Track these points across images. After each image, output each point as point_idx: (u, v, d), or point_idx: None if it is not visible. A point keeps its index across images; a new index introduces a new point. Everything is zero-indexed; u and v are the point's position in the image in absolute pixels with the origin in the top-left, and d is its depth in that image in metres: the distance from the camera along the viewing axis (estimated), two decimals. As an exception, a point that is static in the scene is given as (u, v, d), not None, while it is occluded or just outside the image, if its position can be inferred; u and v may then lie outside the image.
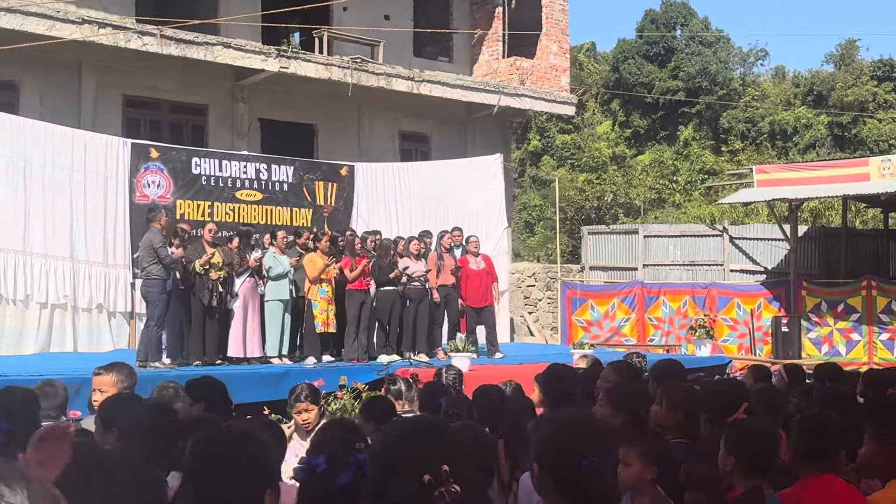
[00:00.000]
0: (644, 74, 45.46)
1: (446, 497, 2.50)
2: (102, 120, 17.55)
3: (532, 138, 47.84)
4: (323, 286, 13.31)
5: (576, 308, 19.83)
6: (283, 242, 13.41)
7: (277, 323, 13.29)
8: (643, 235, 22.02)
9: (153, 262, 12.08)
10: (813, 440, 4.36)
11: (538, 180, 46.61)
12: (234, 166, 16.04)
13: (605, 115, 48.88)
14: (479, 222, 18.42)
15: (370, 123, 20.97)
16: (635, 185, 41.18)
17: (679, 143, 45.42)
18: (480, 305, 14.86)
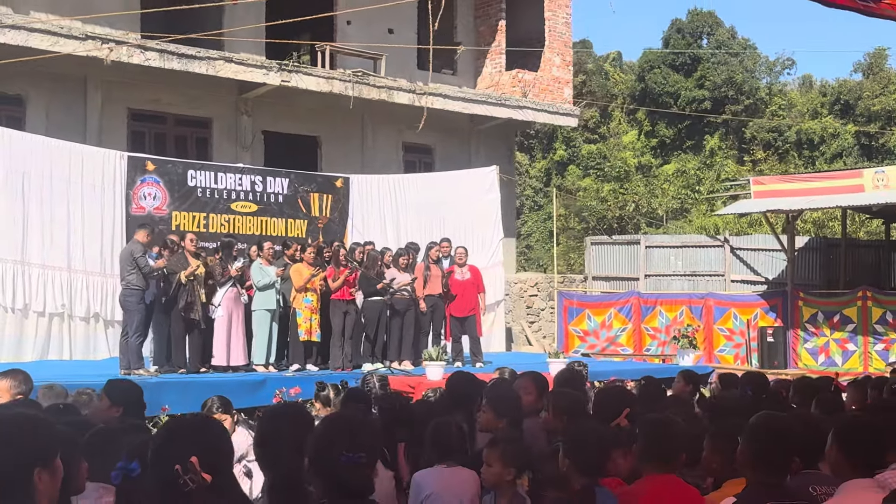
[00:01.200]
0: (670, 84, 45.54)
1: (190, 484, 2.86)
2: (108, 133, 18.07)
3: (558, 148, 48.09)
4: (308, 296, 13.70)
5: (573, 318, 20.07)
6: (270, 253, 13.80)
7: (265, 332, 13.66)
8: (645, 246, 22.21)
9: (132, 272, 12.48)
10: (652, 442, 4.65)
11: (564, 190, 46.85)
12: (230, 178, 16.48)
13: (631, 125, 49.00)
14: (475, 234, 18.75)
15: (373, 135, 21.34)
16: (658, 194, 41.27)
17: (705, 152, 45.43)
18: (465, 315, 15.18)
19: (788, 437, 4.20)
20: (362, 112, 20.80)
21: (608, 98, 49.96)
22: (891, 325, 18.17)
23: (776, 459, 4.13)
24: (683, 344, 16.95)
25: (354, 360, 14.11)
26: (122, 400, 6.08)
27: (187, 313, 12.95)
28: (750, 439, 4.23)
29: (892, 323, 18.15)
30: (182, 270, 12.88)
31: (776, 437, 4.16)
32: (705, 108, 44.69)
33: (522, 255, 42.54)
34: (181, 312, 12.95)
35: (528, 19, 22.80)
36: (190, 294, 12.94)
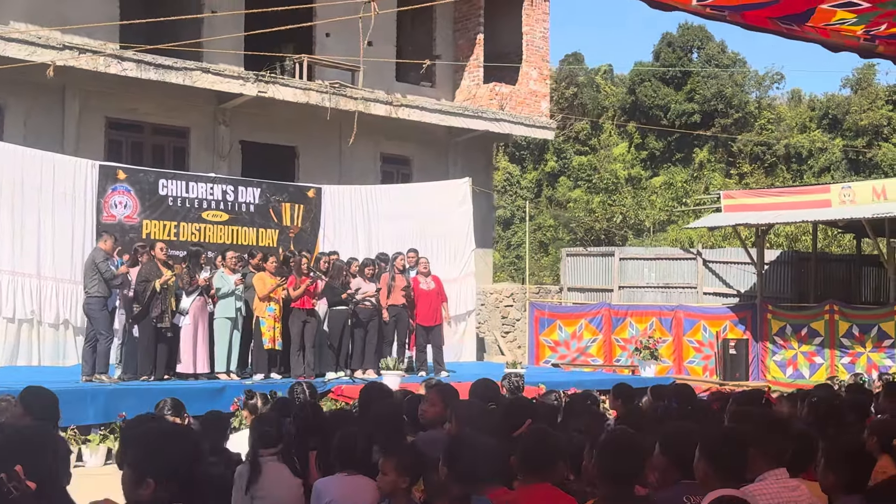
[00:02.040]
0: (660, 97, 45.68)
1: (14, 492, 2.97)
2: (85, 142, 18.17)
3: (549, 159, 48.26)
4: (271, 304, 13.79)
5: (544, 328, 20.16)
6: (232, 262, 13.90)
7: (225, 340, 13.73)
8: (619, 258, 22.33)
9: (94, 279, 12.58)
10: (527, 452, 4.74)
11: (554, 201, 47.01)
12: (201, 187, 16.60)
13: (622, 137, 49.14)
14: (447, 245, 18.87)
15: (351, 146, 21.44)
16: (645, 206, 41.39)
17: (694, 165, 45.55)
18: (430, 325, 15.29)
19: (634, 453, 4.30)
20: (340, 123, 20.88)
21: (599, 110, 50.15)
22: (857, 338, 18.25)
23: (622, 473, 4.22)
24: (645, 355, 17.04)
25: (318, 368, 14.19)
26: (34, 407, 6.13)
27: (159, 321, 13.00)
28: (598, 454, 4.35)
29: (858, 336, 18.24)
30: (156, 279, 12.91)
31: (623, 452, 4.26)
32: (695, 122, 44.83)
33: (512, 265, 42.65)
34: (153, 321, 13.00)
35: (506, 33, 22.94)
36: (163, 302, 12.99)
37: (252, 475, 5.94)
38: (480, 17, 22.49)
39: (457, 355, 18.80)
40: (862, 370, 17.78)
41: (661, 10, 6.71)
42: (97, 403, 11.91)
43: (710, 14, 7.15)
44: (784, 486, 4.52)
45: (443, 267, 18.52)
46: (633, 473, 4.21)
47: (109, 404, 11.96)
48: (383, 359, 13.86)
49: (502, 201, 44.64)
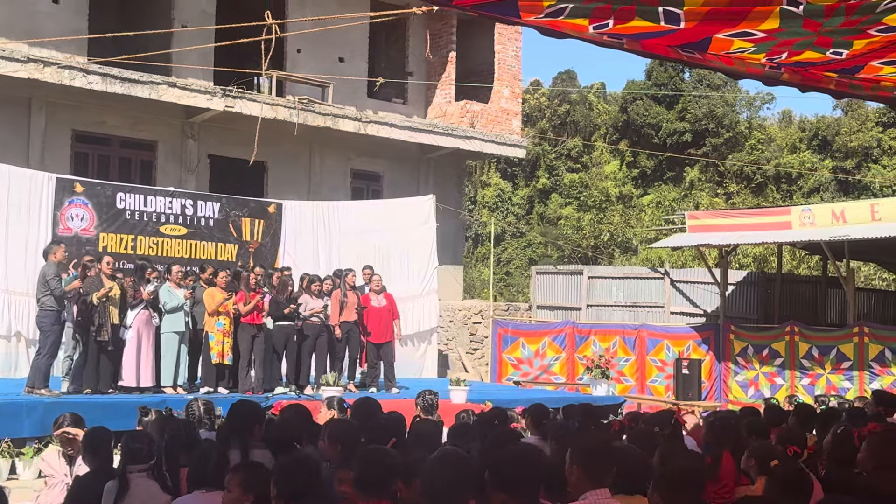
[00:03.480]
0: (652, 115, 45.72)
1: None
2: (51, 154, 18.24)
3: (541, 176, 48.34)
4: (220, 319, 13.76)
5: (507, 346, 20.13)
6: (178, 276, 13.90)
7: (173, 354, 13.68)
8: (588, 276, 22.31)
9: (46, 294, 12.57)
10: (364, 471, 4.73)
11: (545, 217, 47.03)
12: (160, 201, 16.61)
13: (614, 155, 49.18)
14: (409, 261, 18.85)
15: (321, 161, 21.51)
16: (633, 224, 41.38)
17: (685, 184, 45.56)
18: (381, 341, 15.27)
19: (464, 473, 4.29)
20: (310, 139, 20.97)
21: (591, 128, 50.21)
22: (816, 360, 18.18)
23: (448, 493, 4.21)
24: (596, 374, 17.00)
25: (266, 383, 14.18)
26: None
27: (97, 335, 12.97)
28: (424, 475, 4.35)
29: (817, 358, 18.17)
30: (95, 292, 12.91)
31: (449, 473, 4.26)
32: (686, 141, 44.87)
33: (502, 281, 42.64)
34: (92, 334, 12.99)
35: (478, 51, 23.01)
36: (101, 316, 12.93)
37: (120, 491, 5.93)
38: (453, 35, 22.55)
39: (418, 372, 18.78)
40: (822, 392, 17.71)
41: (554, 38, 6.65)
42: (33, 417, 11.88)
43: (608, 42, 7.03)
44: (602, 507, 4.51)
45: (405, 284, 18.55)
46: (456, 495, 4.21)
47: (46, 417, 11.91)
48: (323, 374, 13.84)
49: (494, 218, 44.63)
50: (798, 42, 6.61)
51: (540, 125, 48.87)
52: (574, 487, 4.62)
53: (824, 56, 6.89)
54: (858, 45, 6.52)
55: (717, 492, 7.26)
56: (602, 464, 4.60)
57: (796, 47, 6.76)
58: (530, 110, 50.03)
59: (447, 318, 21.56)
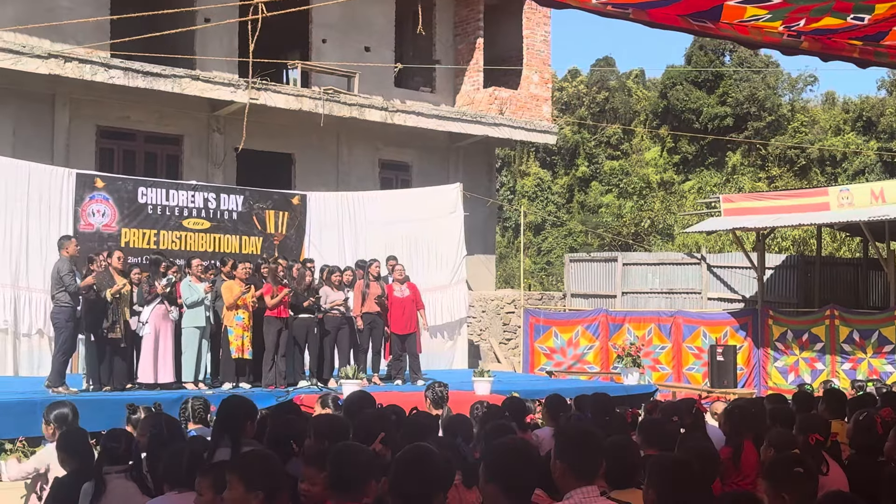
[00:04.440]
0: (692, 100, 44.98)
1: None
2: (75, 151, 18.10)
3: (580, 164, 47.76)
4: (239, 313, 13.47)
5: (539, 335, 19.69)
6: (199, 270, 13.63)
7: (193, 349, 13.41)
8: (622, 263, 21.82)
9: (60, 290, 12.34)
10: (336, 469, 4.38)
11: (585, 206, 46.49)
12: (182, 195, 16.39)
13: (654, 142, 48.50)
14: (437, 251, 18.51)
15: (349, 152, 21.21)
16: (674, 210, 40.70)
17: (727, 169, 44.75)
18: (404, 332, 14.91)
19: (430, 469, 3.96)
20: (337, 130, 20.68)
21: (631, 115, 49.54)
22: (857, 343, 17.55)
23: (412, 491, 3.88)
24: (627, 363, 16.50)
25: (289, 377, 13.89)
26: None
27: (109, 332, 12.71)
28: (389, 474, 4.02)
29: (858, 342, 17.54)
30: (108, 288, 12.66)
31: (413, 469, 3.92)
32: (727, 125, 44.09)
33: (543, 270, 42.23)
34: (103, 331, 12.75)
35: (506, 37, 22.57)
36: (114, 312, 12.69)
37: (96, 493, 5.64)
38: (480, 20, 22.14)
39: (448, 363, 18.46)
40: (863, 376, 17.10)
41: (555, 9, 6.23)
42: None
43: (612, 13, 6.58)
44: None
45: (433, 274, 18.25)
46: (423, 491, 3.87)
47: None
48: (342, 368, 13.50)
49: (534, 207, 44.26)
50: (816, 7, 6.16)
51: (579, 113, 48.31)
52: (559, 484, 4.21)
53: (845, 22, 6.44)
54: (881, 9, 6.07)
55: (738, 483, 6.89)
56: (588, 458, 4.17)
57: (814, 13, 6.31)
58: (569, 98, 49.49)
59: (479, 308, 21.18)
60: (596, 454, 4.20)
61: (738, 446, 6.99)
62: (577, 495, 4.08)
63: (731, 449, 7.06)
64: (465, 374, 14.83)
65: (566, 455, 4.17)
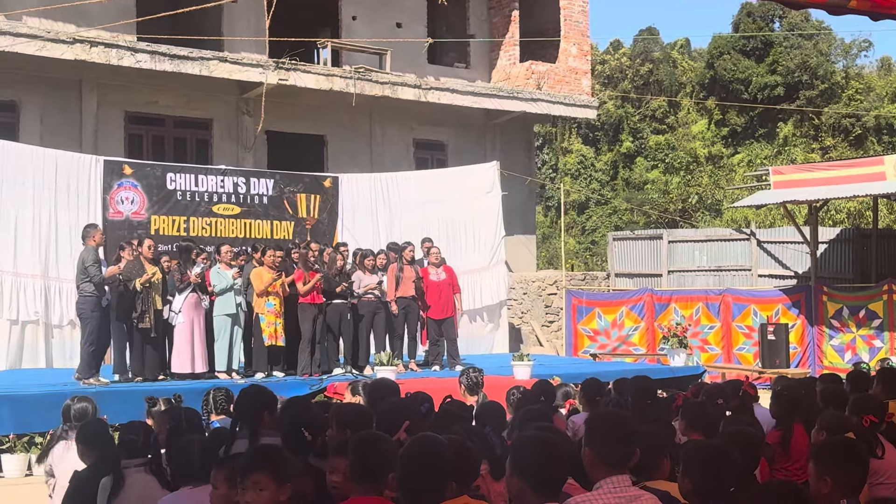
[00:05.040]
0: (741, 70, 44.33)
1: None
2: (104, 137, 18.17)
3: (624, 139, 47.33)
4: (270, 299, 13.43)
5: (582, 317, 19.50)
6: (228, 256, 13.60)
7: (226, 338, 13.39)
8: (668, 241, 21.56)
9: (85, 280, 12.38)
10: (359, 459, 4.28)
11: (630, 183, 46.08)
12: (211, 180, 16.39)
13: (701, 114, 47.89)
14: (474, 232, 18.40)
15: (382, 132, 21.12)
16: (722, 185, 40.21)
17: (778, 140, 44.08)
18: (441, 317, 14.80)
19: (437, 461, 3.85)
20: (370, 109, 20.60)
21: (676, 87, 48.93)
22: (918, 319, 17.21)
23: (419, 485, 3.79)
24: (673, 343, 16.26)
25: (323, 365, 13.84)
26: None
27: (139, 321, 12.72)
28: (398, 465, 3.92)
29: (919, 318, 17.19)
30: (137, 277, 12.65)
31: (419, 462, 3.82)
32: (778, 95, 43.38)
33: (588, 250, 41.95)
34: (134, 321, 12.76)
35: (542, 9, 22.29)
36: (144, 302, 12.69)
37: (114, 488, 5.59)
38: (515, -8, 21.92)
39: (488, 347, 18.35)
40: (923, 354, 16.75)
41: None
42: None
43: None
44: (620, 497, 3.95)
45: (471, 256, 18.17)
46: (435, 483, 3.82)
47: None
48: (376, 354, 13.41)
49: (577, 185, 43.98)
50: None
51: (622, 87, 47.84)
52: (589, 473, 4.08)
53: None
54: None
55: (788, 468, 6.75)
56: (618, 445, 4.03)
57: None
58: (611, 72, 48.99)
59: (520, 290, 21.04)
60: (627, 441, 4.06)
61: (788, 430, 6.83)
62: (606, 485, 3.95)
63: (780, 433, 6.90)
64: (505, 359, 14.68)
65: (595, 442, 4.05)
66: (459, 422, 6.01)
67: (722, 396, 7.61)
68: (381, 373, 12.38)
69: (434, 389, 7.51)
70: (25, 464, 11.18)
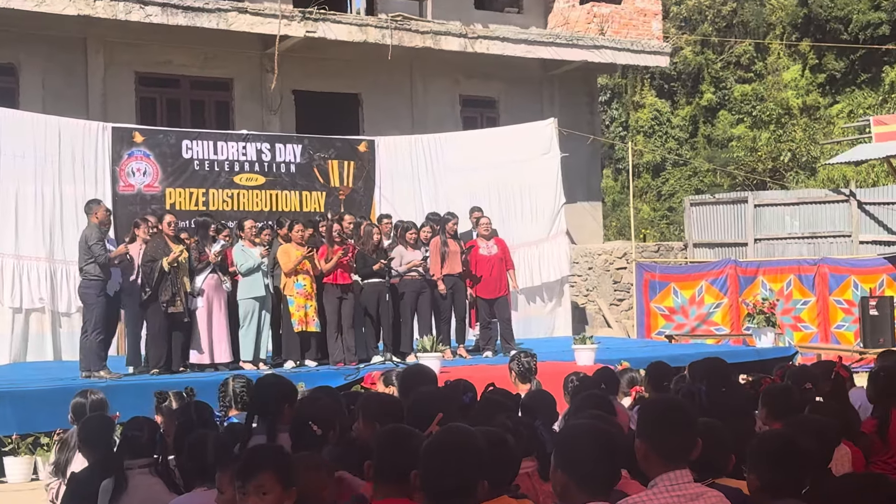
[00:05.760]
0: (839, 6, 43.67)
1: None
2: (114, 102, 18.37)
3: (705, 91, 46.85)
4: (299, 279, 13.42)
5: (655, 293, 19.34)
6: (252, 232, 13.63)
7: (253, 324, 13.40)
8: (754, 205, 21.35)
9: (89, 261, 12.38)
10: (384, 457, 4.28)
11: (713, 140, 45.66)
12: (232, 148, 16.47)
13: (793, 59, 47.24)
14: (531, 199, 18.34)
15: (424, 89, 21.11)
16: (818, 140, 39.69)
17: (884, 87, 43.40)
18: (493, 296, 14.74)
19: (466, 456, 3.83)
20: (409, 63, 20.60)
21: (765, 28, 48.30)
22: None
23: (446, 485, 3.78)
24: (759, 321, 16.05)
25: (360, 352, 13.86)
26: None
27: (170, 305, 12.78)
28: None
29: None
30: (164, 257, 12.69)
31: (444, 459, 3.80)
32: (883, 34, 42.65)
33: (664, 218, 41.67)
34: (162, 306, 12.82)
35: (606, -60, 22.14)
36: (173, 284, 12.78)
37: (116, 491, 5.65)
38: (573, -76, 21.75)
39: (549, 330, 18.32)
40: None
41: None
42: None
43: None
44: (680, 496, 3.89)
45: (526, 227, 18.16)
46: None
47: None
48: (419, 339, 13.39)
49: (651, 144, 43.66)
50: None
51: (701, 30, 47.30)
52: (643, 468, 4.04)
53: None
54: None
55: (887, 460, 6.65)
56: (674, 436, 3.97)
57: None
58: (688, 13, 48.47)
59: (585, 264, 20.97)
60: (684, 432, 4.00)
61: (885, 416, 6.74)
62: (663, 482, 3.89)
63: (876, 420, 6.81)
64: (567, 343, 14.65)
65: (647, 432, 4.00)
66: (504, 412, 5.98)
67: (810, 380, 7.49)
68: (424, 360, 12.33)
69: (484, 378, 7.47)
70: (31, 467, 11.33)
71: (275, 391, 5.94)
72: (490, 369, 12.36)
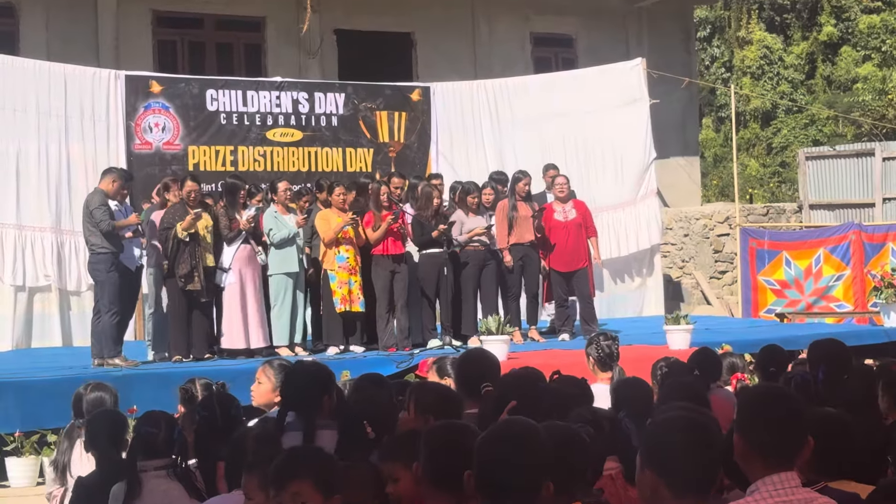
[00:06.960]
0: None
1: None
2: (127, 47, 18.56)
3: (825, 23, 46.38)
4: (342, 251, 13.41)
5: (763, 265, 19.21)
6: (286, 196, 13.67)
7: (287, 303, 13.47)
8: (882, 158, 21.12)
9: (94, 231, 12.39)
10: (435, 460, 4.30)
11: (834, 82, 45.24)
12: (264, 98, 16.59)
13: (938, -21, 46.74)
14: (615, 155, 18.31)
15: (489, 27, 21.11)
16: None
17: None
18: (570, 269, 14.71)
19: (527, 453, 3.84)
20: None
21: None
22: None
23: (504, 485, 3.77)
24: (888, 296, 15.84)
25: (414, 335, 13.91)
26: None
27: (187, 282, 12.87)
28: None
29: None
30: (179, 223, 12.75)
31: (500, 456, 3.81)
32: None
33: (776, 175, 41.40)
34: (179, 281, 12.89)
35: None
36: (192, 256, 12.83)
37: (129, 495, 5.72)
38: None
39: (637, 308, 18.31)
40: None
41: None
42: (99, 396, 12.05)
43: None
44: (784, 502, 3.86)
45: (609, 187, 18.17)
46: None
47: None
48: (483, 321, 13.38)
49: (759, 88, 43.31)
50: None
51: (821, -51, 46.87)
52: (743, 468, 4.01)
53: None
54: None
55: None
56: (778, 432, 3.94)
57: None
58: (805, -73, 48.02)
59: (680, 231, 20.91)
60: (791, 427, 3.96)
61: None
62: (765, 487, 3.85)
63: None
64: (658, 323, 14.60)
65: (746, 427, 3.96)
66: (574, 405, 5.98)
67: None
68: (489, 345, 12.36)
69: (560, 365, 7.49)
70: (36, 469, 11.49)
71: (312, 380, 5.96)
72: (566, 355, 12.38)
